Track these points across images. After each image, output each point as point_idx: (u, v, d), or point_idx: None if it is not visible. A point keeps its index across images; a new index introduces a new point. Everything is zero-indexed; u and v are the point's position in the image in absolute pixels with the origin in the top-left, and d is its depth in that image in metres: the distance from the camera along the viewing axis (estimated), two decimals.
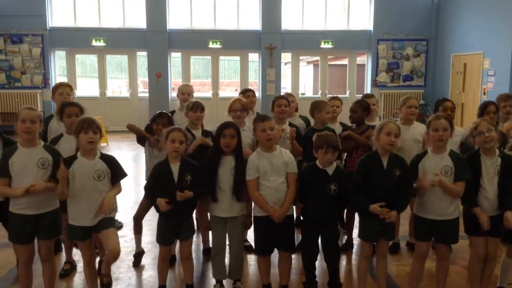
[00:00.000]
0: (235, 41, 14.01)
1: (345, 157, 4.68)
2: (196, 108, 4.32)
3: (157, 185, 3.55)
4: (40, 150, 3.35)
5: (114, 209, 3.50)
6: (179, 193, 3.44)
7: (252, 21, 14.21)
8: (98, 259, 4.04)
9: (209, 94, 14.42)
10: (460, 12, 12.88)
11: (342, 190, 3.57)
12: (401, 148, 4.29)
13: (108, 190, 3.40)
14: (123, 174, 3.51)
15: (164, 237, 3.67)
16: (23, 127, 3.27)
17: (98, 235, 3.46)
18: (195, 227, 5.10)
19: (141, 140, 4.34)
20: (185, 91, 5.19)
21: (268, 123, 3.59)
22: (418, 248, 3.67)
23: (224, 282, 3.90)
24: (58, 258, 4.49)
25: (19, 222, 3.33)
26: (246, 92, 5.18)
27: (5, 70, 13.47)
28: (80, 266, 4.37)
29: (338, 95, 5.61)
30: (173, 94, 14.18)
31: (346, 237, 4.86)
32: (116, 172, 3.44)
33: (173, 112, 5.16)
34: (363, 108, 4.59)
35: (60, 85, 4.58)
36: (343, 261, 4.47)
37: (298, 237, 4.88)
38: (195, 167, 3.63)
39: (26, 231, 3.35)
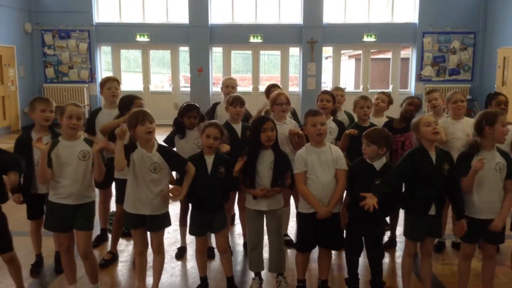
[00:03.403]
0: (276, 36, 13.95)
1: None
2: (235, 103, 4.34)
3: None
4: (81, 143, 3.47)
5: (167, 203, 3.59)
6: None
7: (293, 14, 14.12)
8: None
9: (249, 88, 14.45)
10: (510, 3, 12.33)
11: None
12: (447, 142, 4.20)
13: (165, 181, 3.51)
14: (183, 161, 3.58)
15: (196, 229, 3.72)
16: (70, 123, 3.40)
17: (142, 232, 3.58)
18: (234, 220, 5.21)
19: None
20: (229, 84, 5.23)
21: (319, 118, 3.54)
22: (464, 249, 3.56)
23: (264, 275, 3.90)
24: (103, 248, 4.64)
25: (58, 211, 3.44)
26: (272, 88, 5.14)
27: (54, 64, 13.96)
28: (122, 256, 4.51)
29: (384, 90, 5.53)
30: (214, 88, 14.30)
31: (389, 234, 4.77)
32: (175, 162, 3.53)
33: (218, 103, 5.22)
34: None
35: (108, 80, 4.68)
36: (386, 259, 4.39)
37: None
38: (229, 162, 3.67)
39: (64, 221, 3.44)
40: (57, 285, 3.93)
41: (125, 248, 4.67)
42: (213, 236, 4.03)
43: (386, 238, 4.76)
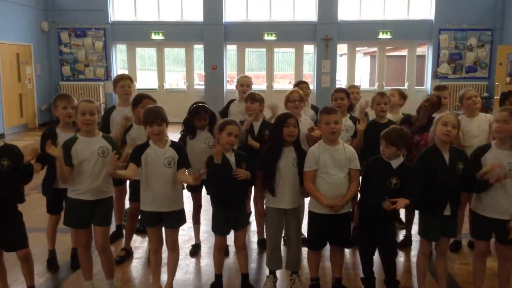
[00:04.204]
0: (290, 33, 13.90)
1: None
2: (247, 98, 4.41)
3: (216, 175, 3.60)
4: (99, 140, 3.50)
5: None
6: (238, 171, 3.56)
7: (307, 12, 14.05)
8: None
9: (263, 86, 14.43)
10: None
11: (405, 186, 3.42)
12: (463, 144, 4.14)
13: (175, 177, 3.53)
14: (188, 164, 3.58)
15: (220, 227, 3.71)
16: (83, 119, 3.42)
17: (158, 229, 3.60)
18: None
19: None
20: (244, 83, 5.23)
21: (333, 116, 3.49)
22: (477, 247, 3.54)
23: (278, 273, 3.89)
24: (119, 244, 4.67)
25: (76, 207, 3.47)
26: (300, 84, 5.19)
27: (70, 63, 14.11)
28: (137, 253, 4.54)
29: (399, 88, 5.49)
30: (228, 86, 14.32)
31: (405, 233, 4.73)
32: (182, 159, 3.52)
33: (232, 100, 5.26)
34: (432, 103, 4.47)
35: (121, 78, 4.72)
36: (401, 258, 4.36)
37: None
38: (248, 157, 3.69)
39: (83, 217, 3.48)
40: (73, 281, 3.97)
41: (140, 245, 4.70)
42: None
43: (401, 236, 4.73)
